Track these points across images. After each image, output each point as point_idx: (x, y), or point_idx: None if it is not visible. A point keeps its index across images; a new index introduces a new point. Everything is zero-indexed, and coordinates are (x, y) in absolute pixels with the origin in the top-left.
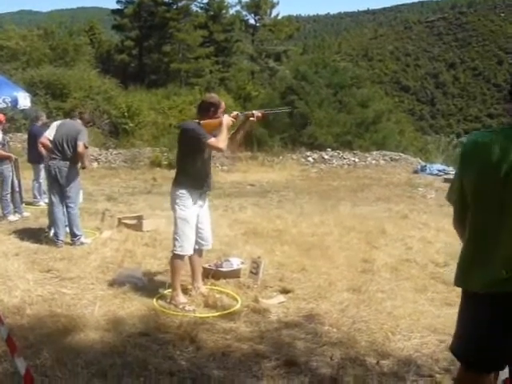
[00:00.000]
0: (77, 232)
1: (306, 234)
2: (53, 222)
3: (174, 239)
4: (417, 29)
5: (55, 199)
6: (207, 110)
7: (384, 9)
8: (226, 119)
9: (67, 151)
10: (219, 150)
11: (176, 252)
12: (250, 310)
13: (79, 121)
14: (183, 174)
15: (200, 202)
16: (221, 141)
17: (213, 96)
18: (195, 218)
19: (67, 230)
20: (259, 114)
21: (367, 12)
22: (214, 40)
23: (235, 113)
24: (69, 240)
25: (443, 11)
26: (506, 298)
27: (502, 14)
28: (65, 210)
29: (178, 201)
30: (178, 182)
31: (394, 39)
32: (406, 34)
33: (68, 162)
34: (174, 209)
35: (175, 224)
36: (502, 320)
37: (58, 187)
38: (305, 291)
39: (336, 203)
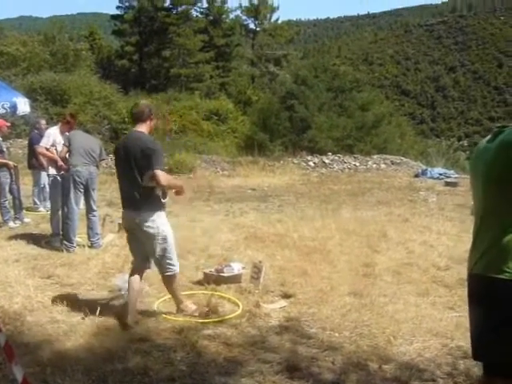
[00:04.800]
0: (99, 232)
1: (307, 238)
2: (68, 230)
3: (165, 261)
4: (417, 32)
5: (76, 206)
6: (147, 116)
7: (384, 13)
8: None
9: (96, 158)
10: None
11: (171, 273)
12: (252, 315)
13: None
14: (153, 196)
15: None
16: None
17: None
18: None
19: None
20: None
21: (367, 16)
22: (214, 45)
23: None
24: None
25: (443, 15)
26: None
27: (502, 18)
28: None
29: (158, 221)
30: (153, 206)
31: (394, 43)
32: (406, 38)
33: (97, 168)
34: (155, 233)
35: (160, 246)
36: None
37: (85, 193)
38: (306, 296)
39: (337, 207)
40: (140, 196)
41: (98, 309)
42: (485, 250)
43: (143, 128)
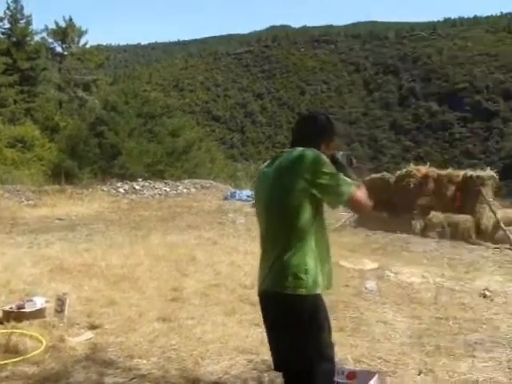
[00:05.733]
0: None
1: (115, 267)
2: None
3: None
4: (225, 60)
5: None
6: None
7: (194, 40)
8: None
9: None
10: None
11: None
12: (56, 350)
13: None
14: None
15: None
16: None
17: None
18: None
19: None
20: None
21: (178, 43)
22: (18, 68)
23: None
24: None
25: (250, 44)
26: None
27: (302, 49)
28: None
29: None
30: None
31: (204, 70)
32: (215, 65)
33: None
34: None
35: None
36: None
37: None
38: (114, 325)
39: (147, 233)
40: None
41: None
42: (269, 267)
43: None
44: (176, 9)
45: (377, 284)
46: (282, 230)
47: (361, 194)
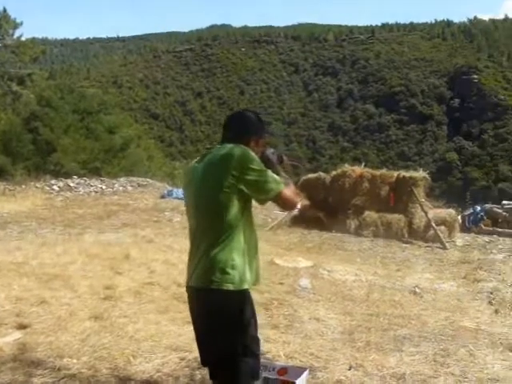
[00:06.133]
0: None
1: (47, 265)
2: None
3: None
4: (165, 58)
5: None
6: None
7: (133, 37)
8: None
9: None
10: None
11: None
12: None
13: None
14: None
15: None
16: None
17: None
18: None
19: None
20: None
21: (117, 39)
22: None
23: None
24: None
25: (190, 42)
26: None
27: (243, 49)
28: None
29: None
30: None
31: (144, 67)
32: (155, 63)
33: None
34: None
35: None
36: None
37: None
38: (44, 324)
39: (81, 231)
40: None
41: None
42: (197, 263)
43: None
44: (115, 4)
45: (311, 282)
46: (210, 225)
47: (288, 191)
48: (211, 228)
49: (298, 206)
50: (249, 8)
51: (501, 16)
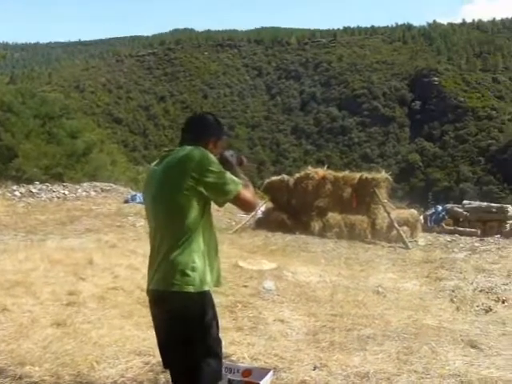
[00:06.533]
0: None
1: (8, 272)
2: None
3: None
4: (128, 62)
5: None
6: None
7: (95, 41)
8: None
9: None
10: None
11: None
12: None
13: None
14: None
15: None
16: None
17: None
18: None
19: None
20: None
21: (78, 43)
22: None
23: None
24: None
25: (153, 46)
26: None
27: (206, 53)
28: None
29: None
30: None
31: (106, 71)
32: (117, 67)
33: None
34: None
35: None
36: None
37: None
38: (5, 332)
39: (44, 237)
40: None
41: None
42: (157, 266)
43: None
44: (76, 7)
45: (275, 284)
46: (169, 228)
47: (247, 192)
48: (171, 231)
49: (261, 208)
50: (211, 12)
51: (459, 20)
